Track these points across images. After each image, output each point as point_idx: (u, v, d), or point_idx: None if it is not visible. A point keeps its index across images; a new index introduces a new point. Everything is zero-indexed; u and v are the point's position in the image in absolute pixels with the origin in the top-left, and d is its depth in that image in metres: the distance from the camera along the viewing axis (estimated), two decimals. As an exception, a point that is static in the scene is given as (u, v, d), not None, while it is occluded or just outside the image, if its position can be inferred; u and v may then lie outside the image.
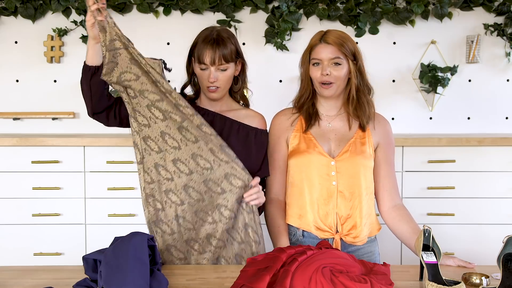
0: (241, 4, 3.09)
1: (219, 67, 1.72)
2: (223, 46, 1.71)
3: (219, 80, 1.74)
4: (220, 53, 1.70)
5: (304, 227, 1.74)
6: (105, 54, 1.59)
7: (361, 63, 1.76)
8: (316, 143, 1.76)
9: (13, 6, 3.04)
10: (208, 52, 1.70)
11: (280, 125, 1.84)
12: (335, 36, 1.73)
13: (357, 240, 1.74)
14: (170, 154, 1.66)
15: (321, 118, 1.81)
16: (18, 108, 3.15)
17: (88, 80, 1.66)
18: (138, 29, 3.12)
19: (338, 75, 1.72)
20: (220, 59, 1.70)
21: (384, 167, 1.82)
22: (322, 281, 1.22)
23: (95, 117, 1.77)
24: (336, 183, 1.73)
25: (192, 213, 1.67)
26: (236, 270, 1.46)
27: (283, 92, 3.13)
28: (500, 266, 1.34)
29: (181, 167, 1.66)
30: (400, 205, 1.82)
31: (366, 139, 1.78)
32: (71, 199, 2.70)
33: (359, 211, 1.74)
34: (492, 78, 3.15)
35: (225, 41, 1.72)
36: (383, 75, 3.13)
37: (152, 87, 1.64)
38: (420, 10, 3.00)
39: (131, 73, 1.62)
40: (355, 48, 1.75)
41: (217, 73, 1.73)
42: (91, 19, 1.58)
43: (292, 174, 1.79)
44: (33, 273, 1.48)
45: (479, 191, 2.73)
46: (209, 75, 1.72)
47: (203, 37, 1.73)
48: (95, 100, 1.70)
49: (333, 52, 1.72)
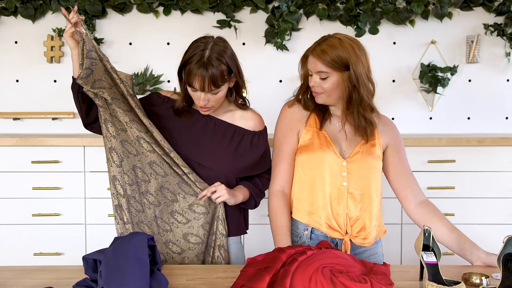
0: (241, 4, 3.09)
1: (210, 91, 1.67)
2: (213, 70, 1.62)
3: (210, 101, 1.70)
4: (210, 79, 1.63)
5: (313, 225, 1.73)
6: (83, 61, 1.68)
7: (354, 72, 1.64)
8: (331, 142, 1.74)
9: (13, 6, 3.04)
10: (198, 78, 1.63)
11: (293, 115, 1.80)
12: (322, 50, 1.66)
13: (366, 242, 1.73)
14: (147, 157, 1.73)
15: (333, 116, 1.80)
16: (18, 108, 3.15)
17: (76, 91, 1.74)
18: (138, 29, 3.12)
19: (325, 87, 1.69)
20: (210, 85, 1.64)
21: (400, 165, 1.79)
22: (322, 281, 1.22)
23: (89, 128, 1.83)
24: (346, 184, 1.71)
25: (167, 213, 1.73)
26: (236, 270, 1.46)
27: (283, 92, 3.13)
28: (500, 266, 1.34)
29: (157, 170, 1.73)
30: (427, 201, 1.78)
31: (376, 141, 1.77)
32: (71, 199, 2.70)
33: (369, 213, 1.73)
34: (492, 78, 3.16)
35: (214, 65, 1.63)
36: (383, 75, 3.13)
37: (122, 98, 1.75)
38: (420, 10, 3.00)
39: (105, 81, 1.72)
40: (350, 57, 1.64)
41: (208, 96, 1.68)
42: (70, 28, 1.67)
43: (302, 170, 1.76)
44: (33, 273, 1.48)
45: (479, 191, 2.73)
46: (200, 97, 1.69)
47: (196, 59, 1.64)
48: (86, 111, 1.77)
49: (318, 66, 1.67)
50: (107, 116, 1.72)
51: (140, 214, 1.74)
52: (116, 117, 1.73)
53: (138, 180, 1.73)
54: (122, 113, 1.72)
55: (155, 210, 1.74)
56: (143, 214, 1.74)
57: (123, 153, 1.73)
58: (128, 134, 1.73)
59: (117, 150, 1.72)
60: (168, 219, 1.74)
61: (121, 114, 1.72)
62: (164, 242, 1.74)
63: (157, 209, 1.74)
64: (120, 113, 1.72)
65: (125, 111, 1.72)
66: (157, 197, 1.73)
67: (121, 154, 1.72)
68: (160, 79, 3.13)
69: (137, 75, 3.09)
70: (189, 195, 1.73)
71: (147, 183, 1.73)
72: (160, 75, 3.13)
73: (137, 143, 1.72)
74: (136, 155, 1.73)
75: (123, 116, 1.71)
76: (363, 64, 1.66)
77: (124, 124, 1.72)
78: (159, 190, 1.73)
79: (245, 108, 1.86)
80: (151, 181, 1.73)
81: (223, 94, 1.72)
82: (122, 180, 1.72)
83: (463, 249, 1.65)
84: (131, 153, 1.73)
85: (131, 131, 1.72)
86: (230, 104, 1.85)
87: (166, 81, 3.14)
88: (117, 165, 1.72)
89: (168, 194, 1.73)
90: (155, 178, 1.73)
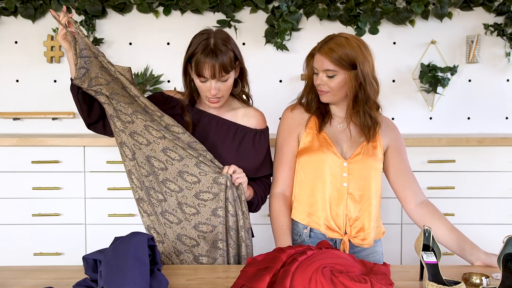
0: (241, 4, 3.09)
1: (220, 78, 1.67)
2: (222, 56, 1.64)
3: (220, 90, 1.71)
4: (220, 65, 1.64)
5: (313, 225, 1.73)
6: (76, 61, 1.68)
7: (361, 71, 1.67)
8: (331, 143, 1.74)
9: (13, 6, 3.04)
10: (208, 65, 1.64)
11: (293, 119, 1.81)
12: (330, 48, 1.67)
13: (365, 243, 1.74)
14: (158, 144, 1.70)
15: (333, 118, 1.80)
16: (18, 108, 3.15)
17: (76, 92, 1.73)
18: (138, 29, 3.12)
19: (332, 85, 1.70)
20: (221, 71, 1.65)
21: (401, 165, 1.79)
22: (322, 281, 1.22)
23: (92, 128, 1.83)
24: (347, 185, 1.72)
25: (191, 196, 1.70)
26: (236, 270, 1.46)
27: (283, 92, 3.14)
28: (500, 266, 1.34)
29: (172, 155, 1.70)
30: (427, 201, 1.78)
31: (377, 142, 1.77)
32: (71, 199, 2.70)
33: (368, 213, 1.73)
34: (492, 78, 3.16)
35: (223, 50, 1.65)
36: (383, 75, 3.10)
37: (122, 91, 1.74)
38: (420, 10, 3.00)
39: (102, 78, 1.71)
40: (357, 56, 1.66)
41: (218, 84, 1.69)
42: (62, 30, 1.67)
43: (303, 172, 1.77)
44: (33, 273, 1.48)
45: (479, 191, 2.73)
46: (210, 87, 1.68)
47: (201, 48, 1.65)
48: (87, 111, 1.76)
49: (326, 65, 1.68)
50: (112, 111, 1.71)
51: (163, 204, 1.71)
52: (120, 110, 1.71)
53: (155, 169, 1.70)
54: (124, 106, 1.70)
55: (177, 196, 1.70)
56: (166, 203, 1.71)
57: (134, 146, 1.71)
58: (136, 125, 1.70)
59: (128, 143, 1.71)
60: (193, 202, 1.69)
61: (124, 107, 1.71)
62: (194, 226, 1.70)
63: (179, 194, 1.70)
64: (123, 106, 1.70)
65: (127, 103, 1.71)
66: (178, 183, 1.69)
67: (132, 147, 1.71)
68: (160, 79, 3.13)
69: (137, 75, 3.09)
70: (210, 173, 1.69)
71: (164, 171, 1.70)
72: (160, 75, 3.13)
73: (146, 132, 1.70)
74: (148, 144, 1.70)
75: (127, 109, 1.70)
76: (369, 63, 1.69)
77: (130, 116, 1.70)
78: (178, 175, 1.69)
79: (248, 105, 1.87)
80: (168, 168, 1.69)
81: (231, 82, 1.73)
82: (138, 173, 1.71)
83: (463, 250, 1.65)
84: (142, 143, 1.70)
85: (138, 121, 1.70)
86: (233, 101, 1.85)
87: (166, 81, 3.14)
88: (130, 159, 1.71)
89: (188, 177, 1.69)
90: (171, 164, 1.69)
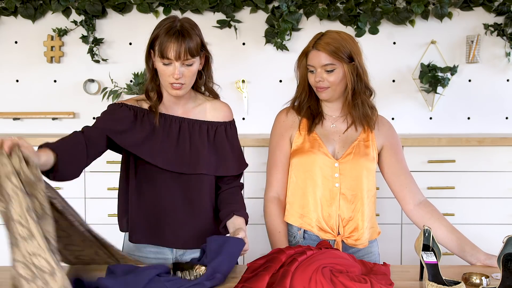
0: (241, 4, 3.08)
1: (184, 62, 1.57)
2: (188, 39, 1.55)
3: (184, 76, 1.59)
4: (186, 47, 1.54)
5: (305, 227, 1.73)
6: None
7: (358, 63, 1.71)
8: (321, 143, 1.74)
9: (13, 6, 3.04)
10: (173, 45, 1.54)
11: (285, 122, 1.81)
12: (326, 42, 1.68)
13: (358, 243, 1.72)
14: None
15: (325, 118, 1.80)
16: (18, 108, 3.15)
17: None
18: (138, 29, 3.12)
19: (332, 80, 1.70)
20: (186, 53, 1.55)
21: (397, 165, 1.78)
22: (322, 281, 1.22)
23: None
24: (339, 185, 1.71)
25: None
26: (236, 270, 1.45)
27: (283, 92, 3.13)
28: (500, 266, 1.34)
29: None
30: (426, 201, 1.77)
31: (370, 142, 1.77)
32: (71, 199, 2.68)
33: (361, 213, 1.72)
34: (492, 78, 3.15)
35: (190, 32, 1.56)
36: (383, 75, 3.13)
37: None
38: (420, 10, 3.00)
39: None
40: (352, 48, 1.70)
41: (182, 69, 1.57)
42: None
43: (294, 173, 1.76)
44: (33, 273, 1.47)
45: (479, 191, 2.73)
46: (174, 71, 1.57)
47: (166, 28, 1.56)
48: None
49: (324, 59, 1.68)
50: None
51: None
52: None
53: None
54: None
55: None
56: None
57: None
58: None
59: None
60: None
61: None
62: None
63: None
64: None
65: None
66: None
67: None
68: (160, 79, 3.13)
69: (137, 75, 3.09)
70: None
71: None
72: (160, 75, 3.13)
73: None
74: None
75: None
76: (360, 55, 1.74)
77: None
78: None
79: (213, 98, 1.76)
80: None
81: (195, 69, 1.62)
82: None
83: (463, 251, 1.65)
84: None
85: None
86: (197, 96, 1.75)
87: (166, 81, 3.14)
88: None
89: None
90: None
